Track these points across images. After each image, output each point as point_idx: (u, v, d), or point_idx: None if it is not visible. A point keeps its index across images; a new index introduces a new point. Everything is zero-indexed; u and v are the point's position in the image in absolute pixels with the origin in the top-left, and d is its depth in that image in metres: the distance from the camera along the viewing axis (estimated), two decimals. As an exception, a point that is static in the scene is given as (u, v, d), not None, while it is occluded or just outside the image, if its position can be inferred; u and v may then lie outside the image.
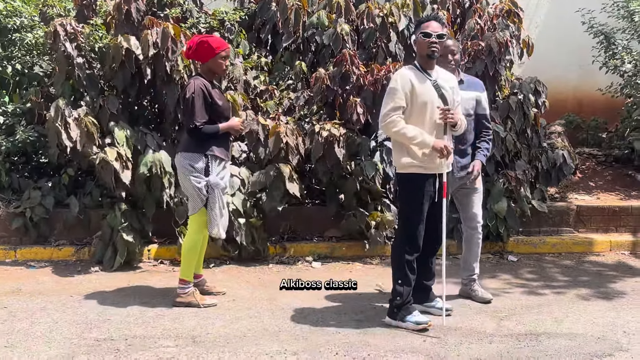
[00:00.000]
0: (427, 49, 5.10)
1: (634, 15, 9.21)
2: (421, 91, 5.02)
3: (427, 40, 5.07)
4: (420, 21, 5.22)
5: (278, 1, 8.15)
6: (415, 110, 5.03)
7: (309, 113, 7.77)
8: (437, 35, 5.07)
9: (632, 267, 7.19)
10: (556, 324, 5.32)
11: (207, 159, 5.54)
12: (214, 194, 5.54)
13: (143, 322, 5.24)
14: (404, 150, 5.07)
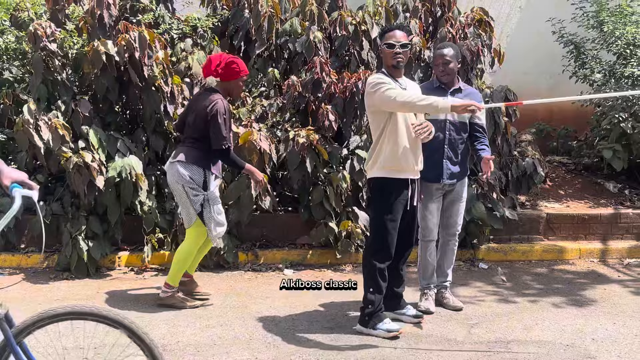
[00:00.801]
0: (391, 59, 5.17)
1: (603, 25, 9.32)
2: None
3: (391, 51, 5.13)
4: (384, 31, 5.26)
5: (251, 8, 8.15)
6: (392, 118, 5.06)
7: (281, 120, 7.76)
8: (400, 45, 5.11)
9: (601, 274, 7.26)
10: (526, 331, 5.36)
11: (205, 174, 5.53)
12: (209, 208, 5.53)
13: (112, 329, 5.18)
14: (381, 154, 5.09)
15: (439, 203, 5.77)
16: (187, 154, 5.53)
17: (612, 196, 8.92)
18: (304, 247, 7.41)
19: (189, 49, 7.77)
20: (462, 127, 5.68)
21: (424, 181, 5.57)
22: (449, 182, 5.69)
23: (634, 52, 9.05)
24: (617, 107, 8.95)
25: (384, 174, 5.12)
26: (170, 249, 6.91)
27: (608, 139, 9.05)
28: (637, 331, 5.41)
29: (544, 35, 10.07)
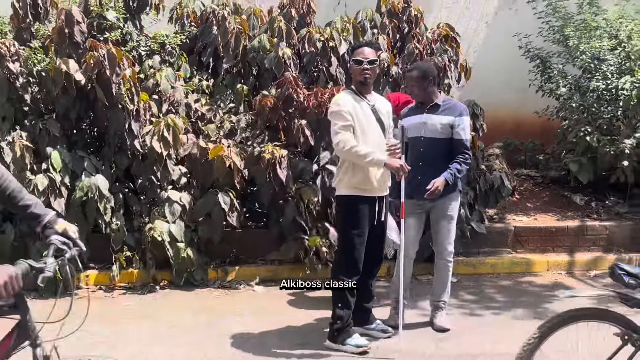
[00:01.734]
0: (359, 75, 5.25)
1: (568, 40, 9.46)
2: (362, 114, 5.14)
3: (359, 67, 5.21)
4: (353, 47, 5.38)
5: (219, 25, 8.16)
6: (358, 133, 5.11)
7: (251, 136, 7.77)
8: (368, 61, 5.18)
9: (568, 286, 7.34)
10: (494, 344, 5.40)
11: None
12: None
13: (81, 348, 5.13)
14: (348, 172, 5.13)
15: (418, 219, 5.78)
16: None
17: (579, 209, 9.04)
18: (274, 263, 7.39)
19: (157, 66, 7.76)
20: (440, 144, 5.69)
21: (404, 198, 5.59)
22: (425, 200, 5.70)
23: (598, 66, 9.18)
24: (582, 121, 9.09)
25: (350, 192, 5.17)
26: (138, 267, 6.86)
27: (574, 152, 9.17)
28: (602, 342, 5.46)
29: (511, 50, 10.19)
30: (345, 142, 5.01)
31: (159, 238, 6.69)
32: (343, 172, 5.19)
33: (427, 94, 5.76)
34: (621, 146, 8.72)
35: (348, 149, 5.01)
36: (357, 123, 5.11)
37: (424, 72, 5.78)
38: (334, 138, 5.09)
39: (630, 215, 8.76)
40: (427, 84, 5.76)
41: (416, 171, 5.63)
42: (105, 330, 5.56)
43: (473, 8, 11.38)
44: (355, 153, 5.01)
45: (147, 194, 7.17)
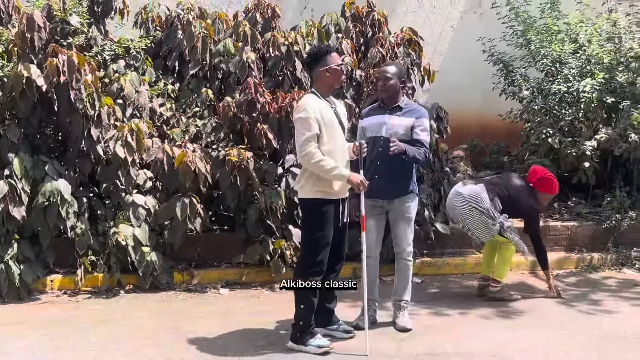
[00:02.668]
0: (339, 80, 5.40)
1: (530, 44, 9.61)
2: (328, 118, 5.21)
3: (340, 72, 5.35)
4: (328, 50, 5.35)
5: (184, 29, 8.19)
6: (326, 136, 5.17)
7: (216, 140, 7.80)
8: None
9: (530, 286, 7.46)
10: (455, 343, 5.48)
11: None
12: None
13: (42, 354, 5.14)
14: (312, 176, 5.19)
15: (378, 220, 5.87)
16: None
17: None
18: (240, 266, 7.43)
19: (122, 70, 7.77)
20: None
21: (365, 197, 5.71)
22: (383, 200, 5.79)
23: (560, 69, 9.34)
24: (545, 123, 9.22)
25: (313, 195, 5.22)
26: (102, 271, 6.85)
27: (537, 153, 9.30)
28: (562, 340, 5.58)
29: (476, 54, 10.33)
30: (312, 155, 5.06)
31: (123, 242, 6.70)
32: (306, 178, 5.23)
33: (395, 94, 5.85)
34: (582, 148, 8.87)
35: (315, 161, 5.07)
36: (323, 127, 5.16)
37: (400, 72, 5.93)
38: (301, 147, 5.11)
39: (591, 216, 8.90)
40: (399, 84, 5.87)
41: (374, 171, 5.74)
42: (68, 334, 5.57)
43: (438, 12, 11.52)
44: (321, 167, 5.08)
45: (112, 198, 7.17)
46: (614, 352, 5.33)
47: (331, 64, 5.27)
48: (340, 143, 5.28)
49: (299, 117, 5.16)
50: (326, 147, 5.16)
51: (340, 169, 5.13)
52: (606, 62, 9.11)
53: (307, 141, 5.08)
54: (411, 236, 5.88)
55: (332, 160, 5.12)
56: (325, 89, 5.34)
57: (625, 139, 8.77)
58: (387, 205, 5.83)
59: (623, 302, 6.80)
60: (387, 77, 5.82)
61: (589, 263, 8.24)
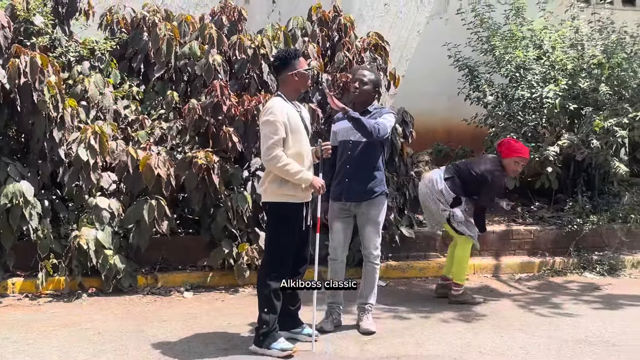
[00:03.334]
0: (306, 84, 5.47)
1: (495, 49, 9.71)
2: (294, 122, 5.24)
3: (307, 77, 5.42)
4: (296, 55, 5.37)
5: (150, 31, 8.15)
6: (291, 139, 5.19)
7: (181, 142, 7.77)
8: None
9: (493, 289, 7.54)
10: (417, 346, 5.52)
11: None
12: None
13: (2, 357, 5.08)
14: (276, 180, 5.20)
15: (345, 223, 5.90)
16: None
17: (506, 213, 9.27)
18: (205, 270, 7.39)
19: (86, 72, 7.71)
20: (367, 148, 5.79)
21: (331, 200, 5.82)
22: (350, 203, 5.83)
23: (524, 75, 9.45)
24: (509, 128, 9.32)
25: (278, 199, 5.23)
26: (64, 274, 6.78)
27: (500, 158, 9.37)
28: (522, 343, 5.65)
29: (442, 59, 10.40)
30: (278, 158, 5.08)
31: (85, 245, 6.63)
32: (270, 181, 5.25)
33: (367, 100, 5.91)
34: (545, 153, 8.98)
35: (281, 165, 5.08)
36: (290, 131, 5.18)
37: (377, 80, 6.00)
38: (268, 150, 5.11)
39: (554, 220, 9.01)
40: (373, 92, 5.93)
41: (343, 174, 5.80)
42: (30, 338, 5.51)
43: (405, 17, 11.58)
44: (286, 170, 5.10)
45: (75, 201, 7.10)
46: (573, 354, 5.41)
47: (299, 68, 5.30)
48: (305, 147, 5.32)
49: (266, 119, 5.16)
50: (292, 151, 5.18)
51: (304, 173, 5.17)
52: (569, 69, 9.24)
53: (274, 145, 5.09)
54: (379, 239, 5.91)
55: (297, 164, 5.15)
56: (292, 92, 5.37)
57: (587, 144, 8.91)
58: (354, 209, 5.86)
59: (584, 305, 6.91)
60: (363, 82, 5.86)
61: (551, 267, 8.36)
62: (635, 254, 8.82)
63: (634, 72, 9.17)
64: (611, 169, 9.20)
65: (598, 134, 8.83)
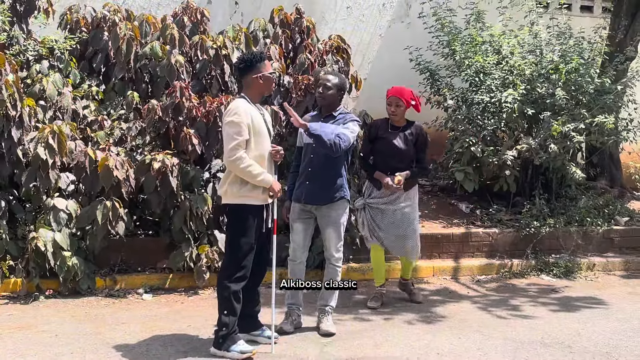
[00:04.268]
0: (270, 88, 5.49)
1: (455, 54, 9.82)
2: (258, 124, 5.26)
3: (271, 81, 5.42)
4: (261, 58, 5.38)
5: (110, 31, 8.07)
6: (254, 141, 5.22)
7: (141, 144, 7.71)
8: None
9: (452, 291, 7.61)
10: (375, 348, 5.56)
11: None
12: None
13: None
14: (236, 181, 5.21)
15: (305, 224, 5.93)
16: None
17: (465, 216, 9.38)
18: (165, 272, 7.34)
19: (45, 71, 7.61)
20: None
21: (293, 201, 5.91)
22: (311, 205, 5.85)
23: (483, 79, 9.56)
24: (468, 132, 9.42)
25: (238, 201, 5.24)
26: (21, 276, 6.68)
27: (460, 162, 9.49)
28: (480, 345, 5.73)
29: (403, 62, 10.49)
30: (241, 160, 5.09)
31: (42, 247, 6.55)
32: (230, 183, 5.25)
33: (332, 104, 5.94)
34: (504, 157, 9.11)
35: (244, 166, 5.10)
36: (253, 132, 5.20)
37: (341, 84, 6.00)
38: (231, 151, 5.10)
39: (512, 223, 9.13)
40: (338, 96, 5.96)
41: (305, 177, 5.85)
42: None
43: (367, 20, 11.66)
44: (248, 172, 5.12)
45: (32, 202, 7.00)
46: (529, 356, 5.50)
47: (264, 71, 5.32)
48: (267, 149, 5.35)
49: (230, 120, 5.16)
50: (254, 153, 5.21)
51: (265, 175, 5.20)
52: (527, 74, 9.38)
53: (237, 146, 5.10)
54: (340, 242, 5.95)
55: (259, 166, 5.18)
56: (256, 95, 5.39)
57: (545, 149, 9.05)
58: (315, 211, 5.90)
59: (540, 307, 7.01)
60: (327, 87, 5.90)
61: (509, 269, 8.46)
62: (590, 256, 8.99)
63: (591, 77, 9.35)
64: (568, 174, 9.35)
65: (556, 139, 8.97)
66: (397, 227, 6.58)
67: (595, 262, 8.80)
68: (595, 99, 9.37)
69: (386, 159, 6.54)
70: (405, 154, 6.53)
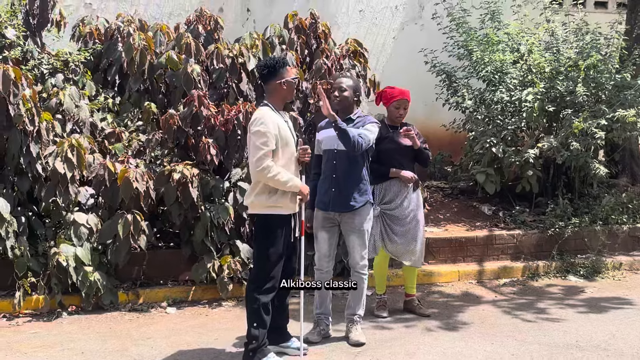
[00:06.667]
0: (292, 93, 5.44)
1: (472, 54, 9.71)
2: (284, 131, 5.21)
3: (293, 86, 5.38)
4: (284, 63, 5.30)
5: (124, 42, 7.99)
6: (282, 152, 5.16)
7: (160, 155, 7.63)
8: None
9: (478, 296, 7.49)
10: (408, 357, 5.46)
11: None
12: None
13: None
14: (264, 192, 5.13)
15: (330, 233, 5.83)
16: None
17: (487, 218, 9.26)
18: (187, 284, 7.25)
19: (60, 85, 7.55)
20: (353, 157, 5.73)
21: (316, 209, 5.80)
22: (335, 212, 5.75)
23: (501, 78, 9.44)
24: (488, 133, 9.30)
25: (266, 211, 5.17)
26: (43, 293, 6.60)
27: (481, 163, 9.38)
28: (514, 350, 5.61)
29: (418, 64, 10.39)
30: (269, 169, 5.02)
31: (64, 262, 6.46)
32: (258, 193, 5.17)
33: (348, 107, 5.86)
34: (525, 156, 8.98)
35: (272, 175, 5.03)
36: (280, 141, 5.15)
37: (356, 86, 5.94)
38: (258, 161, 5.02)
39: (535, 224, 9.00)
40: (354, 98, 5.88)
41: (329, 183, 5.75)
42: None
43: (380, 24, 11.57)
44: (277, 180, 5.06)
45: (52, 217, 6.92)
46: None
47: (287, 77, 5.26)
48: (294, 157, 5.32)
49: (257, 130, 5.08)
50: (282, 162, 5.16)
51: (294, 180, 5.17)
52: (547, 72, 9.26)
53: (264, 156, 5.03)
54: (365, 249, 5.84)
55: (287, 173, 5.13)
56: (279, 101, 5.33)
57: (566, 147, 8.92)
58: (339, 218, 5.79)
59: (570, 309, 6.89)
60: (342, 89, 5.82)
61: (534, 271, 8.33)
62: (616, 255, 8.86)
63: (610, 73, 9.22)
64: (591, 171, 9.21)
65: (577, 136, 8.84)
66: (409, 232, 6.45)
67: (622, 261, 8.66)
68: (616, 94, 9.23)
69: (392, 156, 6.41)
70: (409, 150, 6.42)
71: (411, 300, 6.80)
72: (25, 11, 7.95)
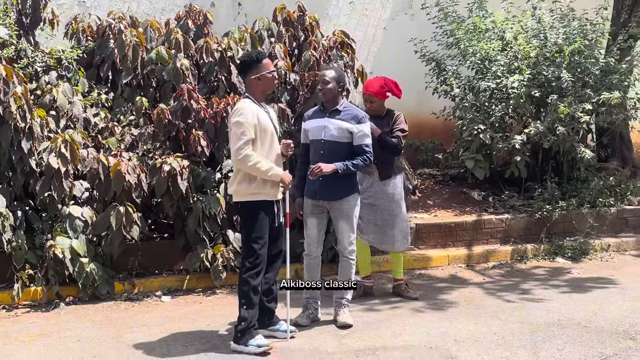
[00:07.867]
0: (272, 86, 5.61)
1: (460, 42, 9.84)
2: (264, 123, 5.37)
3: (273, 78, 5.53)
4: (259, 58, 5.46)
5: (116, 38, 8.15)
6: (261, 141, 5.33)
7: (152, 148, 7.79)
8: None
9: (466, 279, 7.66)
10: (393, 337, 5.62)
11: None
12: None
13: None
14: (245, 179, 5.32)
15: (319, 219, 6.00)
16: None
17: (477, 204, 9.42)
18: (182, 273, 7.42)
19: (54, 82, 7.71)
20: (339, 147, 5.89)
21: (305, 197, 5.99)
22: (323, 200, 5.92)
23: (489, 67, 9.58)
24: (476, 120, 9.44)
25: (248, 198, 5.35)
26: (41, 284, 6.78)
27: (470, 149, 9.53)
28: (496, 329, 5.77)
29: (408, 54, 10.53)
30: (249, 158, 5.21)
31: (60, 254, 6.64)
32: (239, 182, 5.37)
33: (333, 98, 5.99)
34: (513, 142, 9.14)
35: (252, 163, 5.21)
36: (260, 131, 5.31)
37: (339, 77, 6.06)
38: (238, 150, 5.22)
39: (524, 208, 9.17)
40: (337, 88, 6.00)
41: None
42: (9, 349, 5.52)
43: (370, 14, 11.70)
44: (257, 169, 5.24)
45: (48, 211, 7.10)
46: (546, 337, 5.54)
47: (263, 71, 5.41)
48: (274, 147, 5.47)
49: (236, 121, 5.28)
50: (262, 151, 5.32)
51: (275, 169, 5.33)
52: (532, 58, 9.40)
53: (244, 145, 5.21)
54: (353, 234, 6.01)
55: (268, 161, 5.30)
56: (259, 94, 5.49)
57: (553, 132, 9.08)
58: (327, 205, 5.96)
59: (555, 290, 7.07)
60: (326, 81, 5.96)
61: (522, 254, 8.50)
62: (604, 237, 9.03)
63: (595, 58, 9.35)
64: (577, 155, 9.36)
65: (563, 121, 8.99)
66: (384, 221, 6.62)
67: (610, 243, 8.84)
68: (602, 79, 9.37)
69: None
70: (375, 140, 6.39)
71: (399, 284, 6.97)
72: (18, 10, 8.10)
